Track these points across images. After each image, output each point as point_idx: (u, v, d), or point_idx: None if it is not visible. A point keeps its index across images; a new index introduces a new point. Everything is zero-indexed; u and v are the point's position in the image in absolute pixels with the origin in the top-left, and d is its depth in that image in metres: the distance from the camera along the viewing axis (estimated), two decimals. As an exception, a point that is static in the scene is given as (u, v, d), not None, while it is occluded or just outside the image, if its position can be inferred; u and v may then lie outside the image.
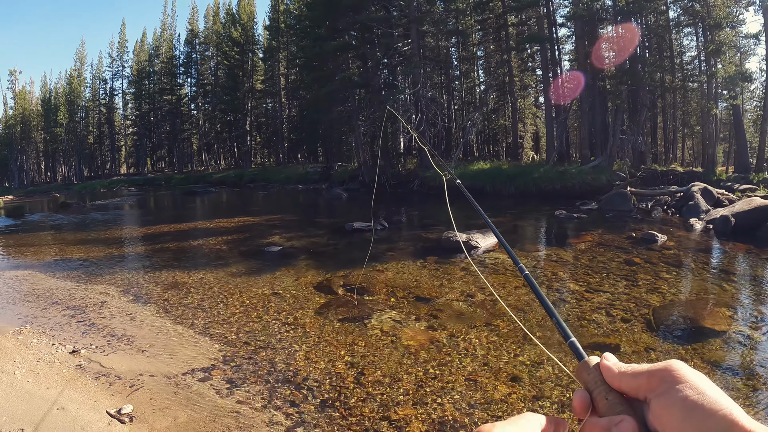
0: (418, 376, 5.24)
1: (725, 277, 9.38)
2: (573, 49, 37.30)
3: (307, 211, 24.36)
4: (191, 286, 9.23)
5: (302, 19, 47.00)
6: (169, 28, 72.79)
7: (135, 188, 52.05)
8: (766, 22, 29.51)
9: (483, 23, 39.95)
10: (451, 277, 9.24)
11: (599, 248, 11.60)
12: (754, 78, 33.91)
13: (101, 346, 6.24)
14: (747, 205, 14.51)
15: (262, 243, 13.65)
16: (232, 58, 61.14)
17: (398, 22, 32.78)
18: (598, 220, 16.70)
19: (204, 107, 68.15)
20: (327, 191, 32.18)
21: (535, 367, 5.38)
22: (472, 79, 46.63)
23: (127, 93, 75.35)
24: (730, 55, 28.95)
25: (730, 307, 7.37)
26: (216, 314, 7.50)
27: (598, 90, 30.52)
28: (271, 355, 5.91)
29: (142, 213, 27.83)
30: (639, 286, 8.32)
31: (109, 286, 9.38)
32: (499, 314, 7.07)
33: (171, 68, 69.18)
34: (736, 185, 22.05)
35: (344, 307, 7.59)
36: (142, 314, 7.59)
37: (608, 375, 0.67)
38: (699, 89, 31.15)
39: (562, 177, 24.44)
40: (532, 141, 45.31)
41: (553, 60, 33.69)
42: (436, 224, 15.90)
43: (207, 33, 68.12)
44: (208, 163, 69.82)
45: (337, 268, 10.22)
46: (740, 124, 31.50)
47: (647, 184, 23.59)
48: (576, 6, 29.61)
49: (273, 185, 42.07)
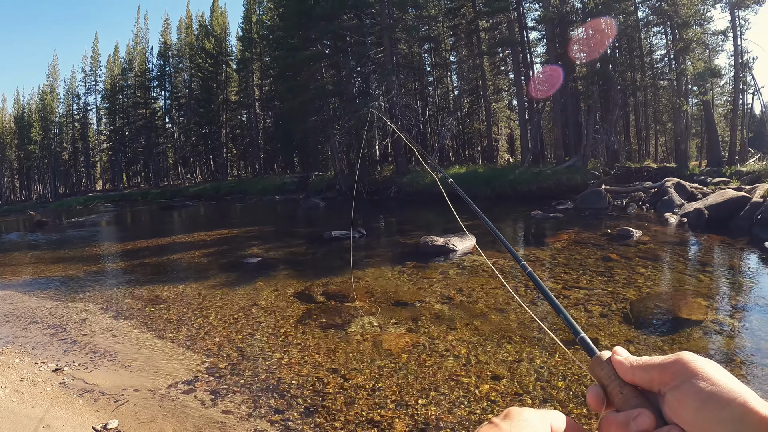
0: (401, 379, 5.28)
1: (700, 268, 9.53)
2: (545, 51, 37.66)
3: (285, 222, 24.24)
4: (172, 300, 9.17)
5: (275, 29, 47.01)
6: (141, 41, 71.99)
7: (111, 204, 51.30)
8: (733, 19, 30.16)
9: (455, 29, 40.24)
10: (430, 281, 9.29)
11: (576, 246, 11.70)
12: (723, 73, 34.52)
13: (84, 363, 6.19)
14: (720, 197, 14.76)
15: (241, 255, 13.56)
16: (206, 70, 60.83)
17: (371, 30, 32.91)
18: (574, 218, 16.85)
19: (179, 120, 67.48)
20: (304, 201, 32.05)
21: (516, 364, 5.44)
22: (446, 84, 46.92)
23: (100, 108, 74.20)
24: (698, 52, 29.44)
25: (705, 297, 7.48)
26: (197, 327, 7.47)
27: (570, 91, 30.84)
28: (253, 364, 5.91)
29: (119, 229, 27.51)
30: (616, 281, 8.42)
31: (89, 304, 9.28)
32: (478, 315, 7.14)
33: (144, 81, 68.37)
34: (709, 179, 22.40)
35: (325, 315, 7.60)
36: (124, 330, 7.54)
37: (621, 369, 0.68)
38: (669, 86, 31.68)
39: (537, 178, 24.63)
40: (507, 143, 45.67)
41: (525, 63, 34.03)
42: (414, 229, 15.93)
43: (180, 45, 67.54)
44: (184, 177, 69.13)
45: (316, 276, 10.21)
46: (711, 119, 32.08)
47: (621, 182, 23.86)
48: (546, 9, 29.95)
49: (250, 197, 41.82)
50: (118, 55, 75.09)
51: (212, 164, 66.65)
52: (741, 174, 22.87)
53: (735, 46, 30.91)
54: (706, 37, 30.91)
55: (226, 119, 62.08)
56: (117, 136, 70.56)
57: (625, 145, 35.63)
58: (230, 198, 43.94)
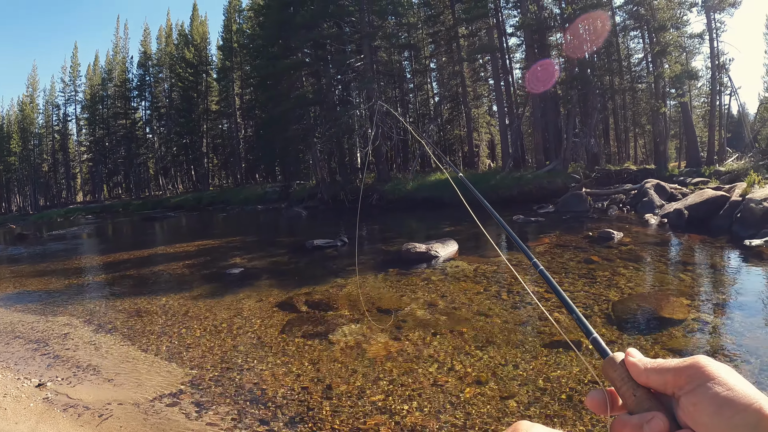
0: (385, 386, 5.27)
1: (681, 267, 9.62)
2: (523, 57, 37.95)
3: (267, 231, 24.11)
4: (154, 312, 9.07)
5: (255, 38, 46.95)
6: (121, 51, 71.24)
7: (92, 216, 50.47)
8: (709, 22, 30.69)
9: (434, 36, 40.43)
10: (413, 287, 9.29)
11: (558, 249, 11.76)
12: (700, 75, 35.19)
13: (67, 377, 6.11)
14: (699, 197, 14.94)
15: (224, 265, 13.46)
16: (186, 80, 60.48)
17: (351, 38, 33.00)
18: (556, 222, 16.94)
19: (159, 130, 66.98)
20: (286, 210, 31.94)
21: (499, 368, 5.46)
22: (426, 91, 47.16)
23: (80, 118, 73.44)
24: (675, 55, 29.87)
25: (687, 295, 7.58)
26: (181, 339, 7.40)
27: (549, 95, 31.07)
28: (238, 375, 5.87)
29: (100, 241, 27.15)
30: (598, 283, 8.48)
31: (71, 317, 9.13)
32: (461, 320, 7.16)
33: (124, 91, 67.77)
34: (688, 179, 22.67)
35: (308, 324, 7.56)
36: (107, 343, 7.45)
37: (634, 371, 0.67)
38: (647, 89, 32.09)
39: (518, 182, 24.77)
40: (488, 149, 45.93)
41: (504, 69, 34.29)
42: (396, 237, 15.92)
43: (160, 54, 67.06)
44: (165, 188, 68.43)
45: (299, 286, 10.14)
46: (689, 121, 32.55)
47: (602, 184, 24.05)
48: (524, 16, 30.21)
49: (232, 207, 41.54)
50: (98, 65, 74.45)
51: (193, 174, 66.17)
52: (720, 174, 23.17)
53: (711, 49, 31.46)
54: (683, 40, 31.38)
55: (207, 129, 61.75)
56: (97, 147, 69.76)
57: (605, 148, 35.96)
58: (212, 208, 43.61)
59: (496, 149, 45.18)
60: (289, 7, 33.91)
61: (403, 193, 27.52)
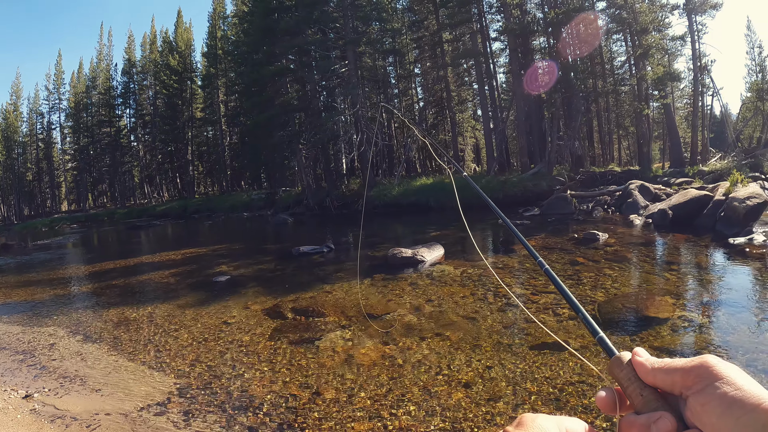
0: (373, 391, 5.26)
1: (666, 267, 9.69)
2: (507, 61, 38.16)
3: (253, 239, 23.98)
4: (141, 321, 9.02)
5: (240, 44, 46.80)
6: (105, 58, 70.65)
7: (77, 225, 50.01)
8: (690, 24, 31.08)
9: (418, 41, 40.53)
10: (400, 292, 9.28)
11: (543, 251, 11.80)
12: (683, 77, 35.59)
13: (54, 388, 6.05)
14: (683, 197, 15.07)
15: (210, 273, 13.40)
16: (171, 87, 60.09)
17: (335, 44, 32.97)
18: (542, 224, 17.02)
19: (144, 138, 66.56)
20: (272, 217, 31.80)
21: (487, 371, 5.47)
22: (411, 96, 47.17)
23: (65, 126, 72.65)
24: (658, 57, 30.22)
25: (672, 294, 7.65)
26: (168, 348, 7.35)
27: (533, 99, 31.24)
28: (225, 383, 5.83)
29: (86, 251, 26.91)
30: (584, 284, 8.52)
31: (57, 328, 9.05)
32: (448, 324, 7.16)
33: (109, 99, 66.98)
34: (672, 179, 22.88)
35: (295, 331, 7.53)
36: (94, 353, 7.38)
37: (641, 371, 0.67)
38: (630, 92, 32.40)
39: (503, 186, 24.85)
40: (473, 153, 46.10)
41: (488, 73, 34.46)
42: (382, 242, 15.89)
43: (144, 62, 66.63)
44: (150, 196, 67.93)
45: (285, 293, 10.11)
46: (672, 122, 32.90)
47: (587, 186, 24.21)
48: (508, 20, 30.39)
49: (218, 214, 41.34)
50: (82, 72, 73.68)
51: (179, 182, 65.76)
52: (703, 173, 23.41)
53: (693, 50, 31.87)
54: (665, 43, 31.72)
55: (192, 136, 61.45)
56: (82, 155, 68.94)
57: (589, 150, 36.30)
58: (198, 216, 43.32)
59: (481, 153, 45.31)
60: (273, 13, 33.88)
61: (389, 198, 27.52)
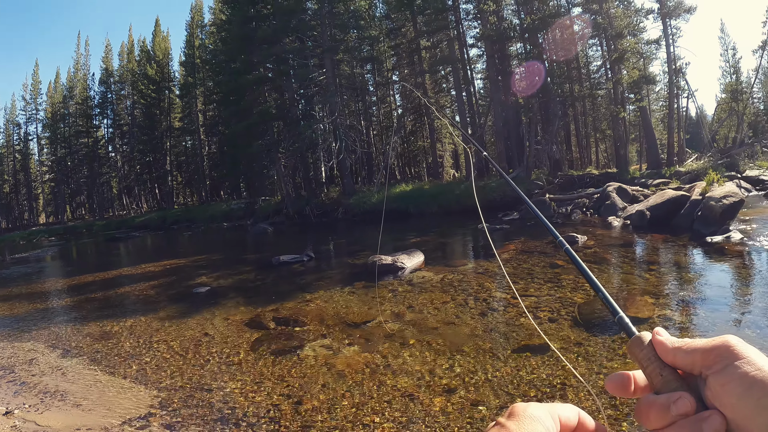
0: (356, 399, 5.24)
1: (645, 267, 9.78)
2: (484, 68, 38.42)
3: (233, 249, 23.81)
4: (121, 334, 8.89)
5: (218, 53, 46.55)
6: (82, 68, 69.64)
7: (56, 238, 49.14)
8: (665, 28, 31.58)
9: (396, 48, 40.66)
10: (381, 300, 9.28)
11: (523, 255, 11.84)
12: (658, 80, 36.09)
13: (35, 404, 5.96)
14: (660, 198, 15.25)
15: (190, 284, 13.28)
16: (149, 96, 59.50)
17: (313, 52, 32.96)
18: (521, 228, 17.10)
19: (122, 149, 65.80)
20: (252, 227, 31.54)
21: (469, 376, 5.46)
22: (389, 103, 47.28)
23: (42, 137, 71.61)
24: (633, 61, 30.59)
25: (652, 294, 7.73)
26: (149, 361, 7.27)
27: (511, 104, 31.44)
28: (208, 395, 5.78)
29: (65, 264, 26.55)
30: (563, 286, 8.55)
31: (36, 343, 8.91)
32: (429, 330, 7.16)
33: (86, 109, 66.08)
34: (649, 181, 23.13)
35: (277, 341, 7.49)
36: (74, 368, 7.28)
37: (661, 350, 0.66)
38: (607, 95, 32.80)
39: (482, 191, 24.88)
40: (452, 159, 46.18)
41: (465, 79, 34.66)
42: (362, 249, 15.87)
43: (122, 71, 65.88)
44: (129, 207, 67.13)
45: (266, 303, 10.04)
46: (648, 124, 33.35)
47: (565, 190, 24.39)
48: (484, 27, 30.60)
49: (198, 225, 40.91)
50: (59, 82, 72.58)
51: (158, 193, 65.14)
52: (680, 174, 23.71)
53: (668, 54, 32.42)
54: (640, 47, 32.13)
55: (171, 146, 60.90)
56: (59, 166, 67.91)
57: (567, 154, 36.60)
58: (177, 227, 42.87)
59: (459, 159, 45.50)
60: (251, 22, 33.82)
61: (369, 205, 27.48)
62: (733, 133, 39.59)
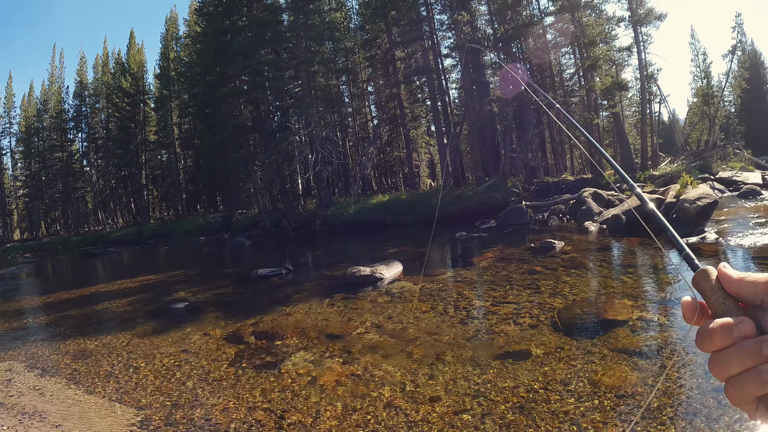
0: (339, 412, 5.21)
1: (622, 270, 9.90)
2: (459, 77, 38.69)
3: (211, 263, 23.60)
4: (99, 352, 8.73)
5: (193, 66, 46.36)
6: (57, 80, 68.34)
7: (31, 254, 48.08)
8: (636, 35, 32.19)
9: (371, 59, 40.74)
10: (360, 311, 9.24)
11: (501, 263, 11.90)
12: (630, 86, 36.69)
13: (13, 426, 5.79)
14: (635, 201, 15.38)
15: (168, 300, 13.10)
16: (123, 110, 58.81)
17: (288, 64, 32.89)
18: (498, 236, 17.19)
19: (97, 163, 64.76)
20: (229, 240, 31.28)
21: (451, 384, 5.47)
22: (364, 114, 47.24)
23: (15, 152, 70.07)
24: (606, 68, 31.03)
25: (630, 296, 7.83)
26: (128, 379, 7.16)
27: (485, 113, 31.66)
28: (189, 412, 5.70)
29: (40, 281, 26.05)
30: (542, 292, 8.60)
31: (13, 362, 8.68)
32: (410, 340, 7.15)
33: (61, 123, 64.89)
34: (624, 186, 23.29)
35: (257, 355, 7.43)
36: (52, 388, 7.12)
37: (726, 280, 0.69)
38: (580, 102, 33.09)
39: (459, 200, 24.99)
40: (428, 168, 46.46)
41: (440, 89, 34.90)
42: (340, 261, 15.83)
43: (97, 84, 64.99)
44: (105, 222, 66.09)
45: (245, 317, 9.95)
46: (622, 129, 33.89)
47: (541, 196, 24.60)
48: (458, 37, 30.85)
49: (174, 239, 40.44)
50: (33, 95, 71.12)
51: (133, 207, 64.21)
52: (654, 178, 24.08)
53: (640, 60, 33.01)
54: (612, 54, 32.60)
55: (146, 160, 60.18)
56: (33, 181, 66.39)
57: (543, 161, 36.99)
58: (154, 242, 42.32)
59: (436, 168, 45.70)
60: (226, 34, 33.71)
61: (346, 217, 27.41)
62: (706, 136, 40.30)
